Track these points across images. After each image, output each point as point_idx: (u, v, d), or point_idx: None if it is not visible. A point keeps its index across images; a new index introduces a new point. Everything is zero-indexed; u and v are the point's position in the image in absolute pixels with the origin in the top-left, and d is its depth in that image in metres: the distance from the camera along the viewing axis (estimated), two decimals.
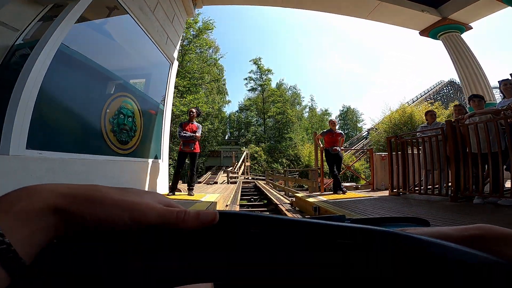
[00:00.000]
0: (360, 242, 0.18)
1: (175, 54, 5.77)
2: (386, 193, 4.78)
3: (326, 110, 41.86)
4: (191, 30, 20.87)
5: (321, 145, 5.01)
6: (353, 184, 8.69)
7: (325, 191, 5.24)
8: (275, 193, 8.89)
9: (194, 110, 4.61)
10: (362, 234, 0.18)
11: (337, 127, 4.96)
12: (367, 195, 4.48)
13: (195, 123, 4.53)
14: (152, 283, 0.17)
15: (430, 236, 0.18)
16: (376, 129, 24.35)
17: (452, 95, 33.49)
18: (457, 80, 35.72)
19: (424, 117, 14.72)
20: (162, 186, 4.60)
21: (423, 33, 12.06)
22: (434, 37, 11.77)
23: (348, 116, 42.03)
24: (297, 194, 4.90)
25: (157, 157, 4.52)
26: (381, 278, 0.17)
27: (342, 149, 4.88)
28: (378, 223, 0.33)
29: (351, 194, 4.60)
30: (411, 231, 0.20)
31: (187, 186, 4.44)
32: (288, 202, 5.58)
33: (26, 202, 0.16)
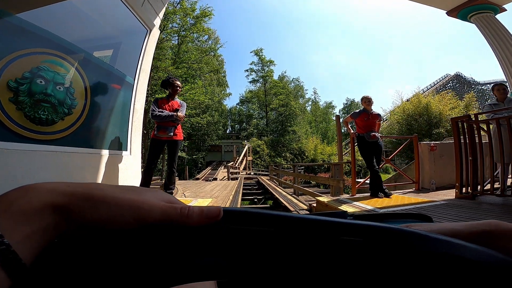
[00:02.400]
0: (365, 239, 0.17)
1: (156, 22, 4.47)
2: (446, 194, 3.43)
3: (330, 103, 40.43)
4: (188, 19, 19.49)
5: (352, 131, 3.63)
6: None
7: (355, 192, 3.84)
8: (281, 191, 7.58)
9: (179, 83, 3.24)
10: (368, 231, 0.18)
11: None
12: (425, 200, 3.11)
13: (177, 99, 3.17)
14: (155, 281, 0.16)
15: (437, 233, 0.18)
16: (386, 119, 22.97)
17: (458, 89, 32.27)
18: (464, 73, 34.93)
19: (442, 108, 13.39)
20: None
21: (451, 13, 10.75)
22: (464, 18, 10.49)
23: (352, 109, 40.49)
24: (320, 198, 3.54)
25: (121, 147, 3.16)
26: (386, 275, 0.16)
27: (381, 136, 3.49)
28: (381, 219, 0.31)
29: (399, 198, 3.23)
30: (416, 227, 0.20)
31: (164, 189, 3.07)
32: (306, 207, 4.23)
33: (25, 201, 0.16)
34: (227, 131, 32.10)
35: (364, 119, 3.45)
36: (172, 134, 2.93)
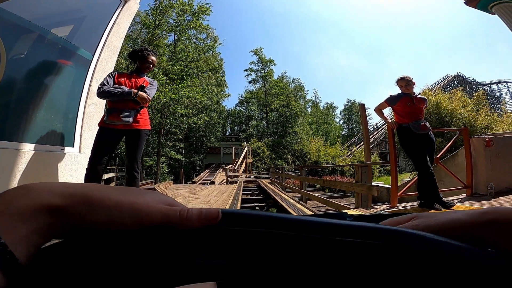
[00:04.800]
0: (357, 240, 0.17)
1: None
2: None
3: (331, 104, 39.56)
4: (186, 16, 18.72)
5: (389, 120, 2.71)
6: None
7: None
8: (286, 197, 6.64)
9: (154, 58, 2.26)
10: (358, 231, 0.18)
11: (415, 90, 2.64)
12: None
13: (144, 76, 2.24)
14: (155, 283, 0.17)
15: (440, 224, 0.19)
16: (391, 117, 21.97)
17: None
18: (464, 74, 34.56)
19: (454, 106, 12.47)
20: None
21: (470, 3, 9.92)
22: (484, 8, 9.64)
23: (353, 110, 39.67)
24: (349, 212, 2.59)
25: (62, 142, 2.21)
26: (375, 277, 0.17)
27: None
28: (382, 219, 0.30)
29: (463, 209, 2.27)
30: (422, 219, 0.20)
31: None
32: None
33: (23, 201, 0.16)
34: (226, 133, 31.26)
35: (407, 104, 2.55)
36: (131, 120, 1.97)
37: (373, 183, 4.08)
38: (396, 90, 2.69)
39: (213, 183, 11.53)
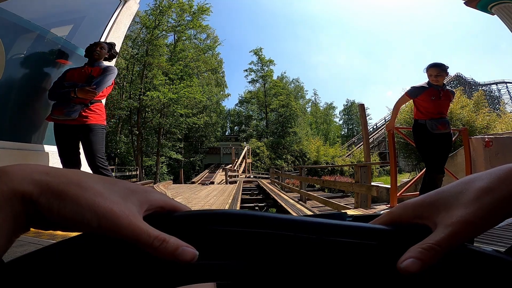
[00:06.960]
0: (352, 241, 0.17)
1: None
2: None
3: (331, 104, 39.52)
4: (186, 16, 18.76)
5: (394, 121, 2.64)
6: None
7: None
8: (285, 197, 6.66)
9: (105, 45, 2.17)
10: (353, 232, 0.18)
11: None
12: None
13: (101, 64, 2.10)
14: (154, 283, 0.17)
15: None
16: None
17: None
18: (464, 74, 34.83)
19: (453, 106, 12.51)
20: None
21: (469, 3, 9.96)
22: (484, 9, 9.64)
23: (353, 110, 39.62)
24: (348, 212, 2.60)
25: None
26: (371, 277, 0.17)
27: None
28: None
29: None
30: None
31: None
32: None
33: None
34: (226, 133, 31.31)
35: (431, 98, 2.27)
36: (75, 115, 1.83)
37: (372, 183, 4.10)
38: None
39: (212, 183, 11.55)
